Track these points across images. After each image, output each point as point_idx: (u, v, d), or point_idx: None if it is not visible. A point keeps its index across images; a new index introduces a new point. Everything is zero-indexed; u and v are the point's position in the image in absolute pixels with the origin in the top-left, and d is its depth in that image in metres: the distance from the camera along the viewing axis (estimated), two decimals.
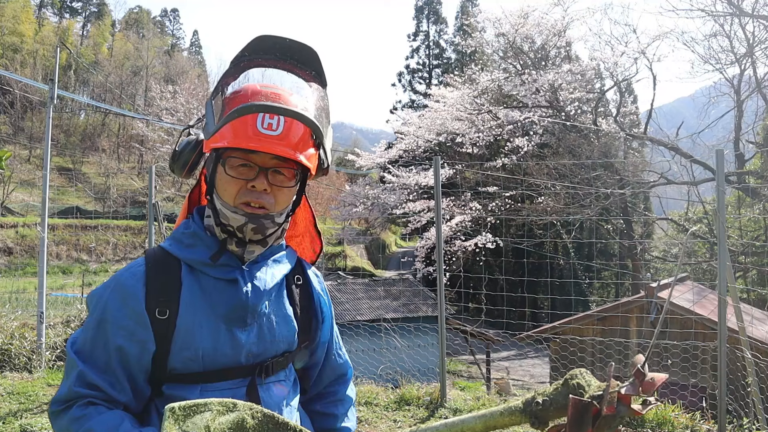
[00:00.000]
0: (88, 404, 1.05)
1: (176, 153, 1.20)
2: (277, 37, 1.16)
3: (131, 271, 1.14)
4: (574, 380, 0.91)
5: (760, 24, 14.66)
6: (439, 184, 5.21)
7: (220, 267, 1.15)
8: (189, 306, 1.11)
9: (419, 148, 20.09)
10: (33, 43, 43.76)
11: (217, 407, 0.96)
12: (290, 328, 1.21)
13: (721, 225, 4.12)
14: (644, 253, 19.75)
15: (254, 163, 1.11)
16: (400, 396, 5.02)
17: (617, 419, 0.86)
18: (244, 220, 1.12)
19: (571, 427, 0.83)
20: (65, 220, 26.29)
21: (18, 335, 6.04)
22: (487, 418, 0.85)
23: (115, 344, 1.08)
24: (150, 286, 1.11)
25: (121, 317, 1.09)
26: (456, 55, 39.80)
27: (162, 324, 1.09)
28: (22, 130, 39.89)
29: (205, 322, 1.11)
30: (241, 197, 1.12)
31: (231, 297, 1.13)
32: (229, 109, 1.11)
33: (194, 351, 1.10)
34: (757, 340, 6.70)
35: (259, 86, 1.14)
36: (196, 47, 66.67)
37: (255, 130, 1.08)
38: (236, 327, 1.13)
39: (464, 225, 17.48)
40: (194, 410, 0.94)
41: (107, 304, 1.10)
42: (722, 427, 3.97)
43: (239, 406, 0.98)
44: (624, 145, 19.27)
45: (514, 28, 18.30)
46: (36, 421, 4.29)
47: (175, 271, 1.14)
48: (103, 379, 1.06)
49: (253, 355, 1.15)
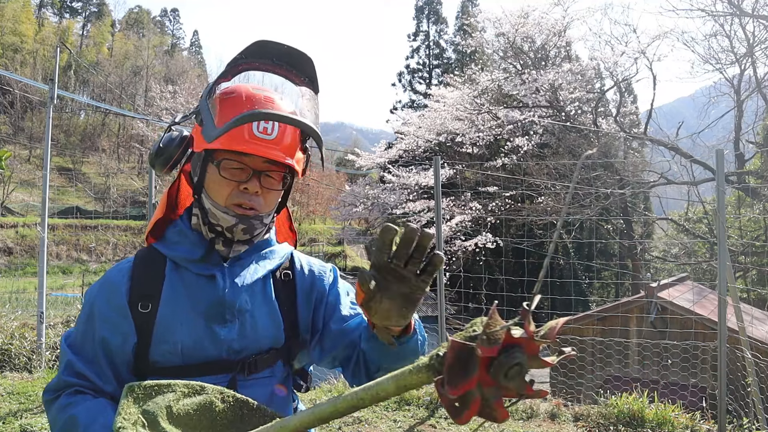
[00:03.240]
0: (76, 393, 1.10)
1: (160, 149, 1.20)
2: (275, 43, 1.17)
3: (119, 267, 1.19)
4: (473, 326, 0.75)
5: (760, 24, 14.66)
6: (439, 184, 5.21)
7: (200, 263, 1.17)
8: (170, 300, 1.14)
9: (419, 148, 20.08)
10: (33, 43, 43.75)
11: (181, 389, 0.94)
12: (275, 325, 1.20)
13: (721, 225, 4.12)
14: (644, 253, 19.75)
15: (247, 165, 1.13)
16: (400, 396, 5.02)
17: (514, 367, 0.68)
18: (235, 221, 1.14)
19: (449, 371, 0.69)
20: (65, 220, 26.28)
21: (18, 335, 6.04)
22: (398, 378, 0.78)
23: (100, 336, 1.12)
24: (134, 281, 1.16)
25: (106, 310, 1.14)
26: (456, 55, 39.77)
27: (144, 317, 1.13)
28: (22, 130, 39.88)
29: (184, 317, 1.13)
30: (233, 198, 1.14)
31: (210, 293, 1.16)
32: (225, 110, 1.11)
33: (173, 344, 1.12)
34: (757, 340, 6.70)
35: (252, 89, 1.15)
36: (196, 47, 66.67)
37: (251, 133, 1.11)
38: (215, 323, 1.15)
39: (464, 225, 17.48)
40: (156, 390, 0.92)
41: (95, 298, 1.16)
42: (722, 427, 3.97)
43: (208, 389, 0.96)
44: (624, 145, 19.27)
45: (515, 28, 18.29)
46: (36, 421, 4.29)
47: (160, 267, 1.18)
48: (90, 370, 1.11)
49: (234, 351, 1.15)
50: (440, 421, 4.51)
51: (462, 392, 0.68)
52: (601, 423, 4.38)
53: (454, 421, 0.72)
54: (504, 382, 0.69)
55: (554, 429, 4.41)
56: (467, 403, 0.69)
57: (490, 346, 0.68)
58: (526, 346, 0.69)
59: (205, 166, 1.16)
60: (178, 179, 1.30)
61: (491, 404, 0.70)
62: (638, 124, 20.23)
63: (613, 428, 4.29)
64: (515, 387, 0.69)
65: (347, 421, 4.46)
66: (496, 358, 0.68)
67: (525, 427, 4.41)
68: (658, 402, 4.40)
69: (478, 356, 0.68)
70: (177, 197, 1.31)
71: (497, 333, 0.68)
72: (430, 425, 4.44)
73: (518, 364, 0.68)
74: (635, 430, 4.22)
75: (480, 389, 0.69)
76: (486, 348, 0.68)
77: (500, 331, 0.68)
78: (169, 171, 1.24)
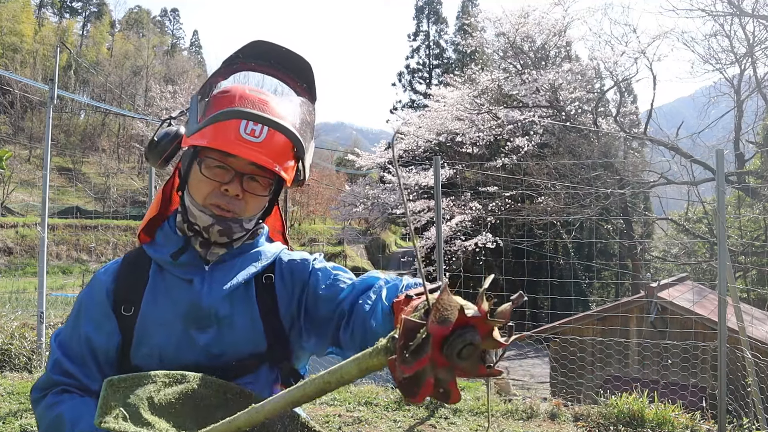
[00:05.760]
0: (63, 391, 1.10)
1: (153, 142, 1.19)
2: (274, 44, 1.16)
3: (107, 267, 1.20)
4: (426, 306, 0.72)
5: (760, 24, 14.66)
6: (439, 184, 5.21)
7: (181, 266, 1.15)
8: (150, 303, 1.13)
9: (419, 148, 20.08)
10: (33, 43, 43.75)
11: (162, 379, 0.93)
12: (255, 330, 1.16)
13: (721, 225, 4.12)
14: (644, 253, 19.74)
15: (231, 166, 1.11)
16: (400, 396, 5.01)
17: (467, 346, 0.66)
18: (211, 221, 1.12)
19: (401, 351, 0.66)
20: (65, 220, 26.27)
21: (18, 335, 6.03)
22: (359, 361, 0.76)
23: (85, 333, 1.12)
24: (119, 283, 1.15)
25: (91, 310, 1.14)
26: (456, 55, 39.78)
27: (126, 320, 1.12)
28: (22, 130, 39.88)
29: (163, 320, 1.12)
30: (211, 198, 1.12)
31: (188, 297, 1.13)
32: (216, 108, 1.10)
33: (151, 348, 1.11)
34: (757, 340, 6.70)
35: (247, 90, 1.13)
36: (196, 47, 66.67)
37: (237, 134, 1.08)
38: (193, 328, 1.12)
39: (464, 225, 17.48)
40: (136, 382, 0.91)
41: (83, 298, 1.17)
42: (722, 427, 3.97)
43: (188, 377, 0.95)
44: (624, 145, 19.26)
45: (515, 28, 18.29)
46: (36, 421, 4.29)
47: (145, 269, 1.16)
48: (77, 369, 1.11)
49: (213, 356, 1.13)
50: (440, 421, 4.51)
51: (413, 371, 0.66)
52: (601, 423, 4.37)
53: (407, 400, 0.71)
54: (457, 362, 0.67)
55: (554, 429, 4.41)
56: (420, 383, 0.68)
57: (442, 326, 0.65)
58: (480, 326, 0.67)
59: (190, 163, 1.14)
60: (173, 176, 1.28)
61: (445, 385, 0.69)
62: (638, 124, 20.21)
63: (613, 428, 4.29)
64: (468, 367, 0.68)
65: (347, 421, 4.46)
66: (449, 338, 0.66)
67: (525, 427, 4.41)
68: (658, 402, 4.40)
69: (430, 335, 0.66)
70: (171, 195, 1.29)
71: (450, 312, 0.66)
72: (430, 425, 4.44)
73: (471, 343, 0.66)
74: (635, 430, 4.22)
75: (433, 369, 0.68)
76: (438, 327, 0.65)
77: (453, 310, 0.66)
78: (162, 165, 1.23)
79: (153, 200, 1.29)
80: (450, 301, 0.67)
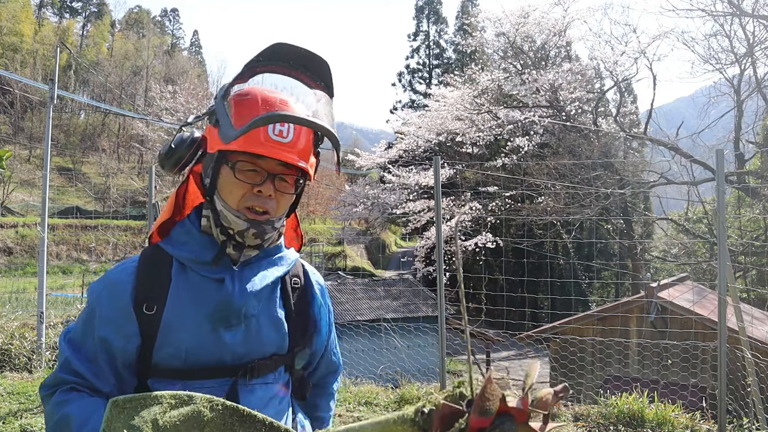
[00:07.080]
0: (71, 390, 1.09)
1: (171, 149, 1.19)
2: (293, 46, 1.16)
3: (124, 266, 1.17)
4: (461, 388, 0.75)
5: (760, 24, 14.66)
6: (439, 184, 5.21)
7: (209, 266, 1.16)
8: (175, 303, 1.13)
9: (419, 148, 20.10)
10: (33, 43, 43.79)
11: (168, 400, 0.92)
12: (280, 331, 1.20)
13: (721, 225, 4.12)
14: (644, 253, 19.74)
15: (262, 168, 1.13)
16: (400, 396, 5.02)
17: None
18: (246, 226, 1.14)
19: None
20: (65, 220, 26.29)
21: (18, 335, 6.04)
22: (382, 425, 0.79)
23: (101, 336, 1.11)
24: (140, 281, 1.14)
25: (109, 311, 1.12)
26: (456, 55, 39.81)
27: (149, 319, 1.12)
28: (22, 130, 39.91)
29: (189, 320, 1.12)
30: (245, 201, 1.14)
31: (217, 296, 1.14)
32: (242, 111, 1.11)
33: (176, 347, 1.11)
34: (757, 340, 6.69)
35: (268, 92, 1.14)
36: (196, 47, 66.64)
37: (267, 136, 1.11)
38: (221, 326, 1.13)
39: (464, 225, 17.49)
40: (141, 404, 0.90)
41: (98, 297, 1.14)
42: (722, 427, 3.97)
43: (196, 398, 0.94)
44: (624, 145, 19.26)
45: (515, 28, 18.30)
46: (36, 421, 4.29)
47: (166, 267, 1.16)
48: (87, 368, 1.10)
49: (238, 355, 1.15)
50: None
51: None
52: (601, 423, 4.37)
53: None
54: None
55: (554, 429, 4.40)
56: None
57: (483, 417, 0.68)
58: (517, 415, 0.71)
59: (218, 168, 1.15)
60: (186, 180, 1.29)
61: None
62: (638, 124, 20.24)
63: (613, 428, 4.29)
64: None
65: (347, 421, 4.46)
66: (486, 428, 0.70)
67: None
68: (658, 402, 4.40)
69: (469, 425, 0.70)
70: (185, 198, 1.30)
71: (492, 403, 0.69)
72: None
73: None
74: (635, 430, 4.21)
75: None
76: (479, 419, 0.69)
77: (495, 400, 0.70)
78: (179, 172, 1.22)
79: (166, 204, 1.29)
80: (493, 390, 0.71)
